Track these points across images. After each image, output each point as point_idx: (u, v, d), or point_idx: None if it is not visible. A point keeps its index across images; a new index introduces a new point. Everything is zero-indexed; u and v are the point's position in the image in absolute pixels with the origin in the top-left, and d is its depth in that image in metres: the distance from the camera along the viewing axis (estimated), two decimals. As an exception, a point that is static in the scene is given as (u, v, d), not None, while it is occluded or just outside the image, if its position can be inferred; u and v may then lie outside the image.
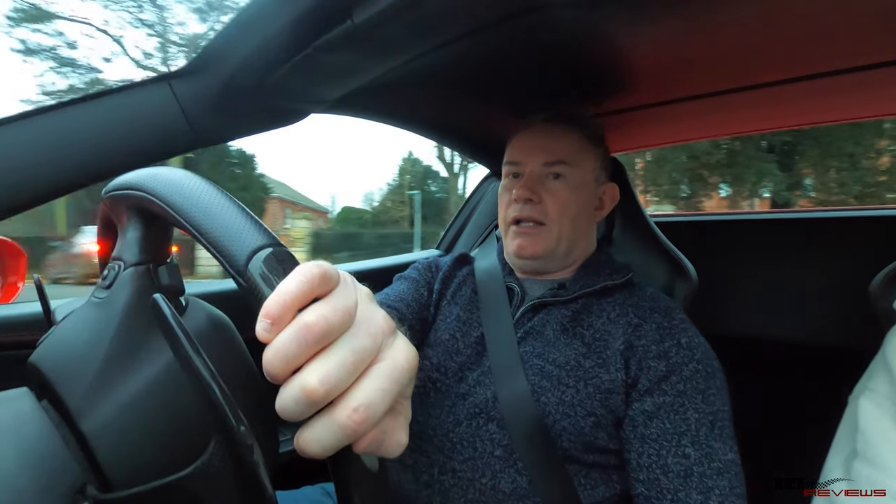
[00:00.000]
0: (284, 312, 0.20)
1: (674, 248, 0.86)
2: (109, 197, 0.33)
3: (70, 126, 0.50)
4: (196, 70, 0.54)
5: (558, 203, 0.68)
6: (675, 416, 0.54)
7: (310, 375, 0.19)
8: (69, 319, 0.31)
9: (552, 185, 0.69)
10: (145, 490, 0.24)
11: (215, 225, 0.25)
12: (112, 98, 0.52)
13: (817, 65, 0.67)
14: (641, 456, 0.54)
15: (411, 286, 0.75)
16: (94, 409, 0.26)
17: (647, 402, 0.56)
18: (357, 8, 0.44)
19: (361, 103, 0.77)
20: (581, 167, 0.70)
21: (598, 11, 0.54)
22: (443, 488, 0.58)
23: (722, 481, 0.51)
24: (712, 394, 0.56)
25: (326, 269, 0.21)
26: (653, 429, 0.55)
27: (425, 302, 0.74)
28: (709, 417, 0.54)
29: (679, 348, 0.58)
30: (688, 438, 0.53)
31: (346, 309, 0.21)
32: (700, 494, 0.50)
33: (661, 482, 0.52)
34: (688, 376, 0.56)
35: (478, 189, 1.22)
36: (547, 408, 0.57)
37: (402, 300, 0.70)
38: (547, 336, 0.63)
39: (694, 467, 0.52)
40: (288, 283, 0.20)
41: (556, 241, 0.69)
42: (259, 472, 0.23)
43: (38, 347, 0.30)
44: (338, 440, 0.20)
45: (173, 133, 0.55)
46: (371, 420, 0.20)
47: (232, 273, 0.24)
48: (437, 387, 0.65)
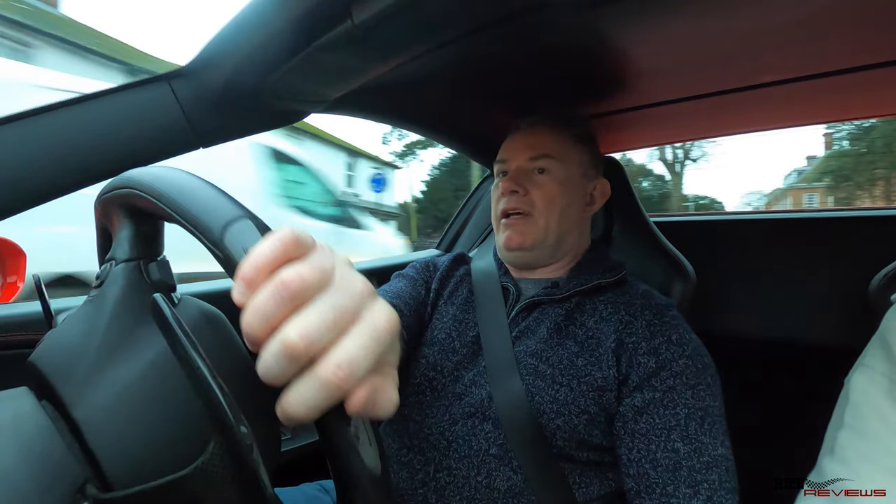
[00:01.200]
0: (258, 274, 0.20)
1: (673, 248, 0.86)
2: (101, 202, 0.34)
3: (70, 126, 0.50)
4: (196, 70, 0.54)
5: (545, 195, 0.69)
6: (665, 411, 0.55)
7: (289, 330, 0.19)
8: (66, 318, 0.31)
9: (538, 178, 0.70)
10: (145, 489, 0.24)
11: (190, 202, 0.26)
12: (112, 98, 0.52)
13: (816, 65, 0.67)
14: (632, 451, 0.55)
15: (409, 284, 0.75)
16: (86, 397, 0.26)
17: (637, 397, 0.56)
18: (357, 8, 0.44)
19: (361, 103, 0.77)
20: (567, 162, 0.71)
21: (597, 12, 0.54)
22: (438, 486, 0.58)
23: (711, 475, 0.51)
24: (702, 389, 0.56)
25: (300, 234, 0.21)
26: (642, 424, 0.55)
27: (422, 300, 0.74)
28: (699, 413, 0.54)
29: (669, 344, 0.59)
30: (677, 433, 0.53)
31: (322, 268, 0.21)
32: (689, 488, 0.50)
33: (650, 476, 0.52)
34: (678, 371, 0.57)
35: (477, 189, 1.23)
36: (541, 407, 0.58)
37: (400, 297, 0.71)
38: (541, 335, 0.64)
39: (683, 461, 0.52)
40: (261, 246, 0.20)
41: (544, 232, 0.69)
42: (259, 472, 0.23)
43: (37, 347, 0.30)
44: (323, 399, 0.20)
45: (173, 133, 0.55)
46: (354, 376, 0.20)
47: (209, 246, 0.24)
48: (434, 385, 0.65)
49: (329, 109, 0.70)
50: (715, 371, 0.59)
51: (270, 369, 0.20)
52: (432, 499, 0.58)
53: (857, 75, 0.67)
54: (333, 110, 0.72)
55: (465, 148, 1.05)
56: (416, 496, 0.59)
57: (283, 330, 0.19)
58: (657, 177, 21.68)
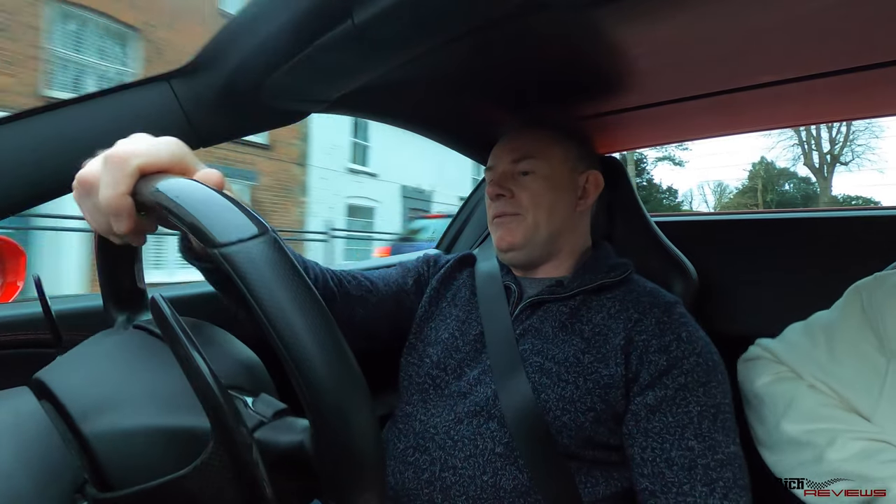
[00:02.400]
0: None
1: (674, 248, 0.86)
2: None
3: (70, 126, 0.50)
4: (196, 69, 0.54)
5: (531, 195, 0.70)
6: (678, 410, 0.55)
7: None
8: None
9: (522, 180, 0.71)
10: (144, 489, 0.24)
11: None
12: (112, 97, 0.52)
13: (816, 65, 0.67)
14: (645, 450, 0.54)
15: (399, 270, 0.79)
16: (97, 415, 0.26)
17: (649, 395, 0.56)
18: (357, 8, 0.44)
19: (361, 103, 0.77)
20: (550, 158, 0.71)
21: (596, 12, 0.54)
22: (444, 486, 0.58)
23: (726, 473, 0.51)
24: (713, 386, 0.56)
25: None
26: (655, 422, 0.55)
27: (407, 289, 0.77)
28: (711, 410, 0.54)
29: (680, 342, 0.58)
30: (691, 431, 0.53)
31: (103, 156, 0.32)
32: (705, 486, 0.50)
33: (665, 475, 0.52)
34: (689, 369, 0.56)
35: (477, 189, 1.23)
36: (547, 404, 0.58)
37: (382, 278, 0.74)
38: (546, 333, 0.64)
39: (698, 459, 0.52)
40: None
41: (534, 229, 0.69)
42: (258, 472, 0.23)
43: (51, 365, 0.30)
44: (110, 172, 0.31)
45: (173, 133, 0.54)
46: (133, 150, 0.31)
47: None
48: (437, 383, 0.66)
49: (329, 109, 0.70)
50: (724, 368, 0.59)
51: (99, 225, 0.33)
52: (438, 498, 0.58)
53: (858, 75, 0.67)
54: (333, 110, 0.71)
55: (464, 147, 1.05)
56: (422, 496, 0.59)
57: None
58: (801, 179, 22.31)
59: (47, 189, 0.49)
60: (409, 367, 0.70)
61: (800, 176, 22.29)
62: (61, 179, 0.49)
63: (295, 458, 0.25)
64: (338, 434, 0.23)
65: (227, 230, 0.23)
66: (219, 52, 0.53)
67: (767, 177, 22.95)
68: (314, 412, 0.22)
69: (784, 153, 25.67)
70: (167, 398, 0.27)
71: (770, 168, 23.17)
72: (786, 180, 22.84)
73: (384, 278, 0.75)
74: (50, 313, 0.38)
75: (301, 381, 0.22)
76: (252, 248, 0.23)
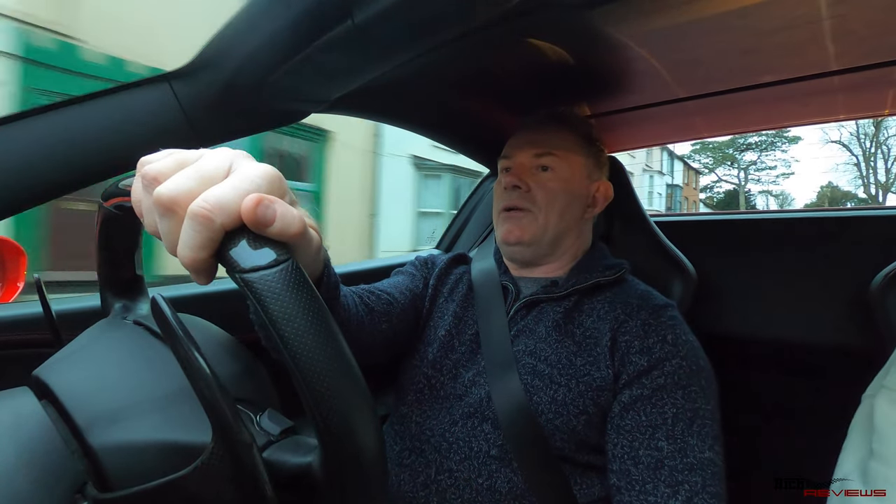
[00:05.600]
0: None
1: (674, 248, 0.86)
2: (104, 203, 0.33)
3: (70, 126, 0.50)
4: (196, 69, 0.54)
5: (546, 192, 0.69)
6: (652, 409, 0.54)
7: (160, 188, 0.24)
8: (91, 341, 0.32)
9: (541, 175, 0.70)
10: (145, 489, 0.24)
11: None
12: (112, 98, 0.52)
13: (816, 65, 0.67)
14: (616, 447, 0.55)
15: (407, 277, 0.76)
16: (103, 426, 0.26)
17: (626, 394, 0.56)
18: (357, 8, 0.44)
19: (361, 103, 0.77)
20: (571, 161, 0.71)
21: (596, 12, 0.54)
22: (440, 489, 0.58)
23: (694, 477, 0.50)
24: (694, 391, 0.56)
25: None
26: (628, 420, 0.55)
27: (420, 293, 0.75)
28: (688, 414, 0.54)
29: (664, 344, 0.58)
30: (662, 432, 0.53)
31: (178, 159, 0.26)
32: (668, 488, 0.50)
33: (630, 473, 0.52)
34: (669, 371, 0.56)
35: (477, 189, 1.23)
36: (539, 407, 0.58)
37: (396, 287, 0.72)
38: (539, 334, 0.63)
39: (665, 460, 0.51)
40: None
41: (543, 229, 0.69)
42: (258, 472, 0.23)
43: (48, 361, 0.30)
44: (197, 231, 0.23)
45: (173, 133, 0.55)
46: (221, 205, 0.23)
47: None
48: (433, 384, 0.65)
49: (329, 109, 0.69)
50: (711, 375, 0.59)
51: (154, 226, 0.25)
52: (434, 502, 0.58)
53: (858, 75, 0.67)
54: (333, 110, 0.71)
55: (464, 147, 1.05)
56: (418, 499, 0.59)
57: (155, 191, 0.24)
58: (861, 200, 22.98)
59: (48, 189, 0.49)
60: (407, 368, 0.70)
61: (860, 197, 23.22)
62: (61, 179, 0.49)
63: (303, 479, 0.25)
64: (348, 468, 0.23)
65: (249, 256, 0.23)
66: (219, 52, 0.53)
67: (833, 198, 24.68)
68: (329, 452, 0.23)
69: (845, 173, 26.68)
70: (171, 406, 0.27)
71: (836, 190, 24.95)
72: (849, 201, 24.11)
73: (397, 287, 0.72)
74: (50, 313, 0.38)
75: (320, 421, 0.22)
76: (271, 275, 0.22)
